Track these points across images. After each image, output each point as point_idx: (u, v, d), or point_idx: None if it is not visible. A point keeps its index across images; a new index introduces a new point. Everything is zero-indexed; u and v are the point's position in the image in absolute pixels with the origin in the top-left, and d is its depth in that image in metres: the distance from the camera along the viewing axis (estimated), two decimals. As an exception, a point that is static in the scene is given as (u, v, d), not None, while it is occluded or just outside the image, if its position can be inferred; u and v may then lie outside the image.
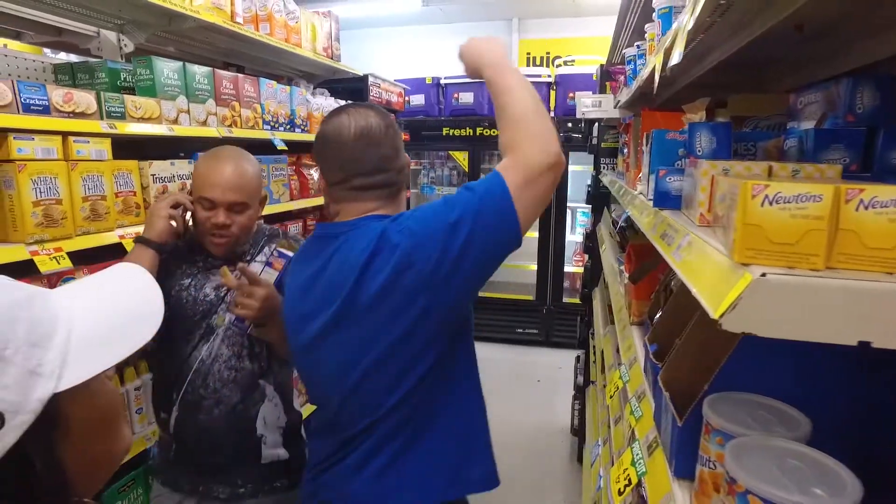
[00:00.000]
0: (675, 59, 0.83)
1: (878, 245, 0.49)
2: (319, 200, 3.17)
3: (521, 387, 4.93)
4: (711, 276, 0.57)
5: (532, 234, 5.75)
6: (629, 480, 0.84)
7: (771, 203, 0.51)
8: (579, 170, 5.57)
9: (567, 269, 5.84)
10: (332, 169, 1.23)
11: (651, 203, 1.12)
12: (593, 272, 3.73)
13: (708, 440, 0.66)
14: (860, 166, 0.92)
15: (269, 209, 2.70)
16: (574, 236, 5.93)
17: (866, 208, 0.49)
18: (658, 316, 1.09)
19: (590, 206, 4.07)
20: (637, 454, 0.87)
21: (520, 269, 6.04)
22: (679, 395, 0.82)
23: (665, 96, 1.77)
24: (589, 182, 4.16)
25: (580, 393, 3.94)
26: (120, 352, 0.53)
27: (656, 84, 1.13)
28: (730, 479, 0.56)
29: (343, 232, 1.19)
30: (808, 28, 0.99)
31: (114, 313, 0.56)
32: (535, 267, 5.78)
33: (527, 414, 4.46)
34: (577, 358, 4.33)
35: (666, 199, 1.02)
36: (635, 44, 1.84)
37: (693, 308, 0.90)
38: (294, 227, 2.97)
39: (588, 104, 2.34)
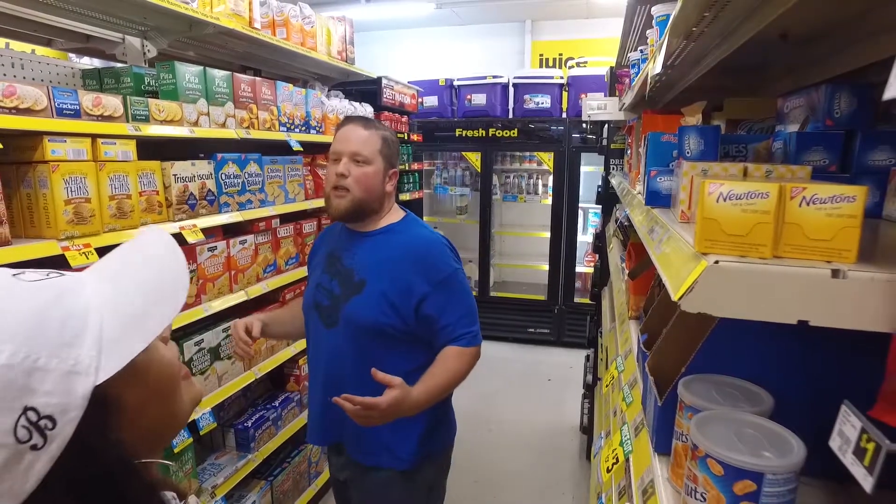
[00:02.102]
0: (657, 69, 0.90)
1: (818, 237, 0.55)
2: (334, 200, 3.25)
3: (533, 386, 4.98)
4: (678, 264, 0.63)
5: (544, 235, 5.80)
6: (617, 459, 0.91)
7: (725, 199, 0.57)
8: (591, 170, 5.62)
9: (579, 269, 5.88)
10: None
11: (645, 209, 1.18)
12: (603, 272, 3.77)
13: (681, 416, 0.73)
14: (839, 167, 0.97)
15: (284, 208, 2.79)
16: (586, 237, 5.97)
17: (808, 204, 0.56)
18: (651, 308, 1.15)
19: (600, 206, 4.12)
20: (625, 435, 0.93)
21: (532, 269, 6.09)
22: (663, 381, 0.88)
23: (666, 99, 1.82)
24: (599, 182, 4.21)
25: (589, 391, 3.99)
26: (152, 330, 0.55)
27: (648, 90, 1.19)
28: (693, 447, 0.62)
29: None
30: (791, 36, 1.05)
31: (142, 290, 0.58)
32: (546, 267, 5.83)
33: (537, 412, 4.51)
34: (587, 357, 4.38)
35: (657, 198, 1.08)
36: (639, 48, 1.90)
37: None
38: (309, 225, 3.06)
39: (594, 106, 2.39)
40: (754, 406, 0.70)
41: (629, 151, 2.01)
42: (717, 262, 0.55)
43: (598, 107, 2.37)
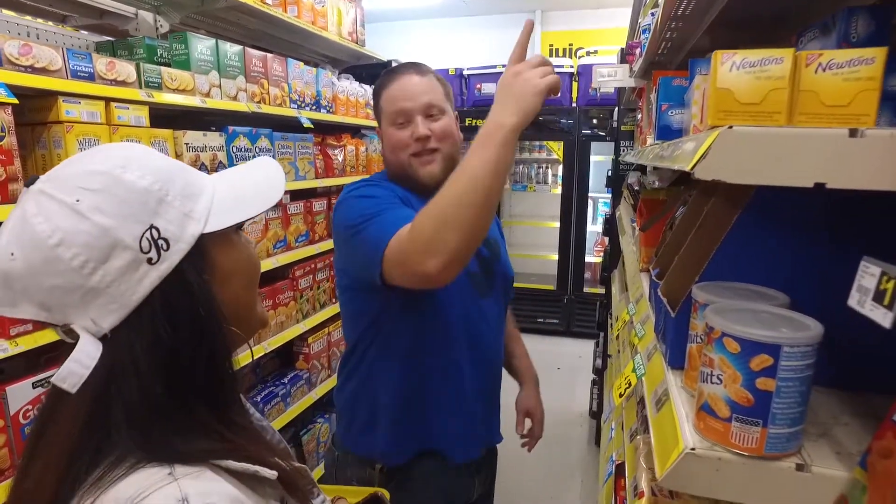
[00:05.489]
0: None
1: (835, 102, 0.55)
2: (343, 180, 3.26)
3: (541, 374, 4.89)
4: (689, 151, 0.63)
5: (553, 224, 5.78)
6: (629, 383, 0.90)
7: (739, 67, 0.57)
8: (601, 160, 5.60)
9: (588, 259, 5.86)
10: None
11: (656, 144, 1.17)
12: (612, 255, 3.77)
13: (696, 317, 0.72)
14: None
15: (294, 185, 2.80)
16: (595, 227, 5.94)
17: (824, 70, 0.55)
18: (662, 247, 1.14)
19: (610, 195, 4.11)
20: (638, 362, 0.93)
21: (541, 258, 6.07)
22: (676, 304, 0.87)
23: (677, 61, 1.81)
24: (609, 171, 4.20)
25: (599, 376, 3.97)
26: (249, 211, 0.69)
27: (659, 26, 1.18)
28: (709, 329, 0.61)
29: None
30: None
31: (246, 185, 0.73)
32: (556, 257, 5.81)
33: (547, 400, 4.43)
34: (596, 343, 4.36)
35: (668, 133, 1.08)
36: (650, 12, 1.89)
37: (691, 228, 0.95)
38: (319, 204, 3.07)
39: (604, 73, 2.38)
40: (770, 303, 0.69)
41: (640, 116, 2.00)
42: (730, 126, 0.55)
43: (609, 74, 2.36)
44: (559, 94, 1.13)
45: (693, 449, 0.61)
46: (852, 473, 0.53)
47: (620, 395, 0.90)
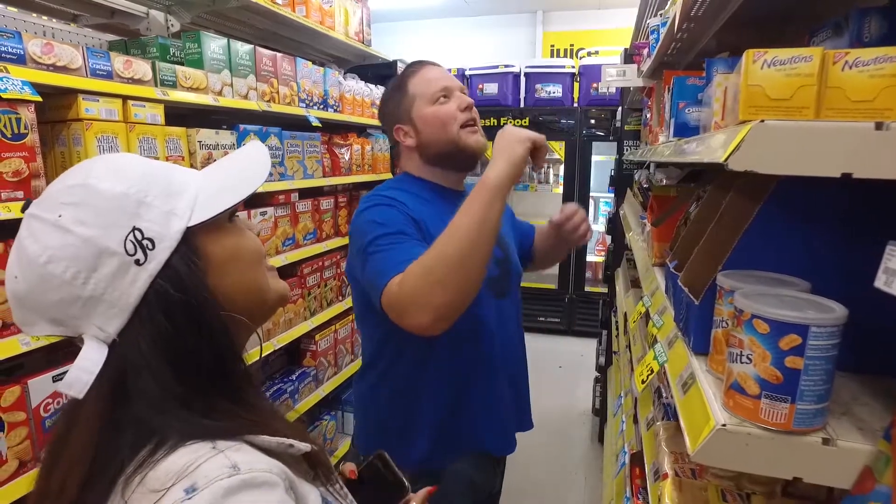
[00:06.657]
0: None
1: (861, 98, 0.58)
2: (350, 179, 3.29)
3: (543, 373, 4.99)
4: (718, 145, 0.66)
5: (554, 224, 5.81)
6: (651, 370, 0.94)
7: (770, 65, 0.61)
8: (602, 160, 5.64)
9: (589, 258, 5.90)
10: None
11: (672, 141, 1.20)
12: (616, 253, 3.80)
13: (721, 303, 0.76)
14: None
15: (303, 183, 2.83)
16: (597, 226, 5.98)
17: (851, 68, 0.58)
18: (679, 239, 1.18)
19: (612, 195, 4.15)
20: (659, 350, 0.96)
21: (542, 258, 6.10)
22: (696, 295, 0.91)
23: (685, 62, 1.85)
24: (611, 171, 4.23)
25: (602, 373, 4.01)
26: (233, 199, 0.70)
27: (676, 26, 1.21)
28: (738, 313, 0.65)
29: None
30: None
31: (228, 173, 0.74)
32: (557, 256, 5.84)
33: (549, 398, 4.52)
34: (599, 340, 4.40)
35: (685, 130, 1.11)
36: (658, 13, 1.93)
37: (708, 223, 0.99)
38: (326, 202, 3.10)
39: (612, 73, 2.42)
40: (792, 289, 0.73)
41: (649, 115, 2.03)
42: (762, 120, 0.58)
43: (618, 73, 2.39)
44: (545, 158, 1.19)
45: (724, 425, 0.65)
46: (876, 446, 0.56)
47: (643, 382, 0.94)
